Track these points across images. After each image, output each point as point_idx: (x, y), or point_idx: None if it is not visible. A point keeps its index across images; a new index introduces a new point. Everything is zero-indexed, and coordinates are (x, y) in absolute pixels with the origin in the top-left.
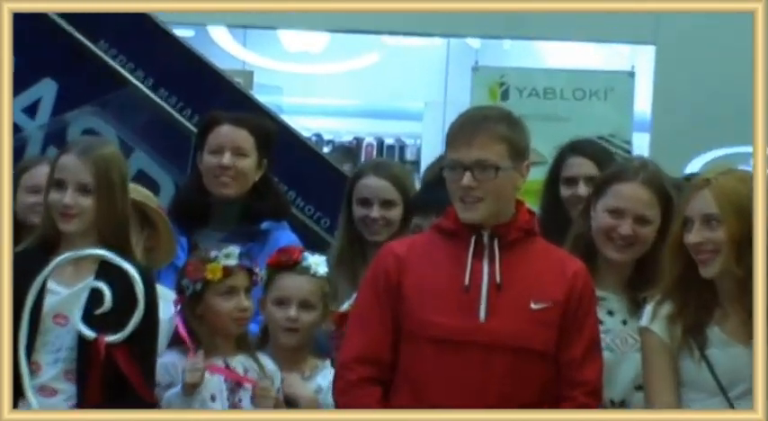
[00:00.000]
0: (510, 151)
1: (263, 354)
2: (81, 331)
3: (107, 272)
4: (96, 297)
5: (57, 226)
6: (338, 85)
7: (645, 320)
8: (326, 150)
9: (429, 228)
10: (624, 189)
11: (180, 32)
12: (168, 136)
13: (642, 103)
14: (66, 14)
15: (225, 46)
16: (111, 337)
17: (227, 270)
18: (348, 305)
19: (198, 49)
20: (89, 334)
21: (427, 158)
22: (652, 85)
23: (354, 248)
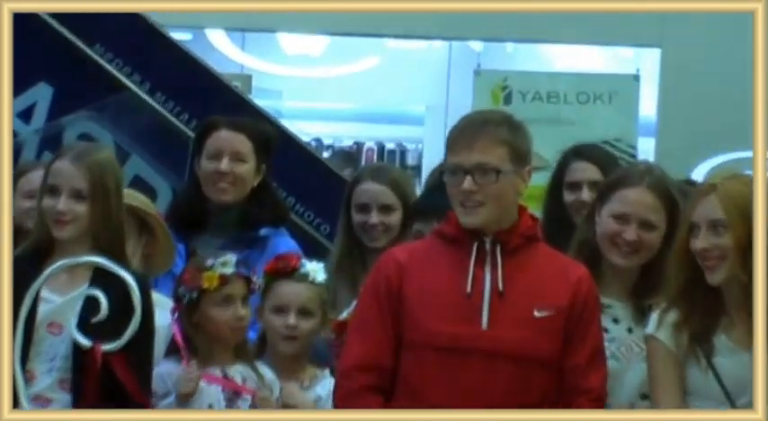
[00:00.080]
0: (511, 155)
1: (261, 364)
2: (77, 340)
3: (101, 279)
4: (91, 305)
5: (50, 232)
6: (338, 89)
7: (650, 328)
8: (326, 155)
9: (430, 234)
10: (629, 194)
11: (177, 36)
12: (165, 141)
13: (647, 106)
14: (62, 17)
15: (223, 49)
16: (107, 346)
17: (223, 278)
18: (348, 313)
19: (195, 52)
20: (85, 342)
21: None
22: (657, 89)
23: (354, 255)
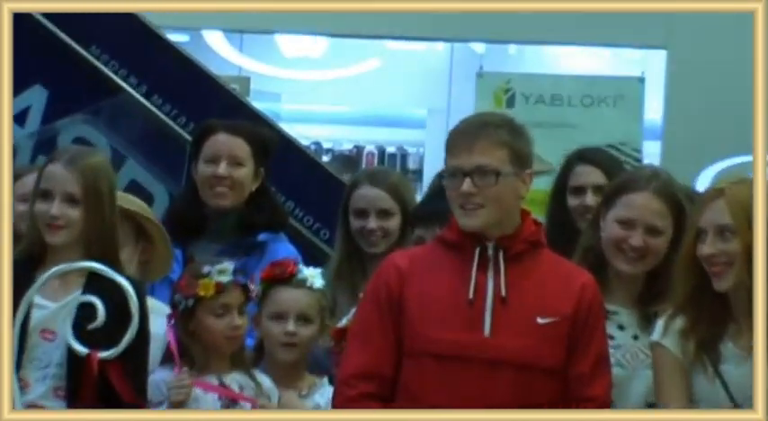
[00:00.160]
0: (511, 157)
1: (258, 372)
2: (73, 347)
3: (95, 285)
4: (85, 311)
5: (42, 237)
6: (338, 92)
7: (656, 335)
8: (326, 159)
9: (432, 240)
10: (635, 199)
11: (174, 37)
12: (162, 145)
13: (653, 109)
14: (57, 19)
15: (220, 51)
16: (103, 353)
17: (219, 286)
18: (347, 320)
19: (193, 54)
20: (81, 350)
21: (430, 167)
22: (663, 91)
23: (353, 261)
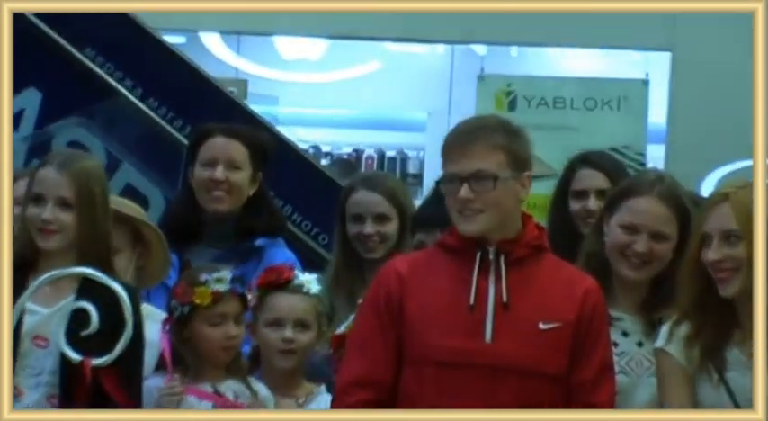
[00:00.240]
0: (509, 160)
1: (255, 379)
2: (66, 354)
3: (88, 290)
4: (78, 317)
5: (35, 242)
6: (337, 95)
7: (660, 341)
8: (324, 163)
9: (432, 245)
10: (639, 204)
11: (170, 39)
12: (158, 148)
13: (657, 112)
14: (51, 20)
15: (217, 53)
16: (97, 360)
17: (216, 295)
18: (346, 326)
19: (189, 56)
20: (75, 357)
21: (431, 171)
22: (667, 94)
23: (351, 267)
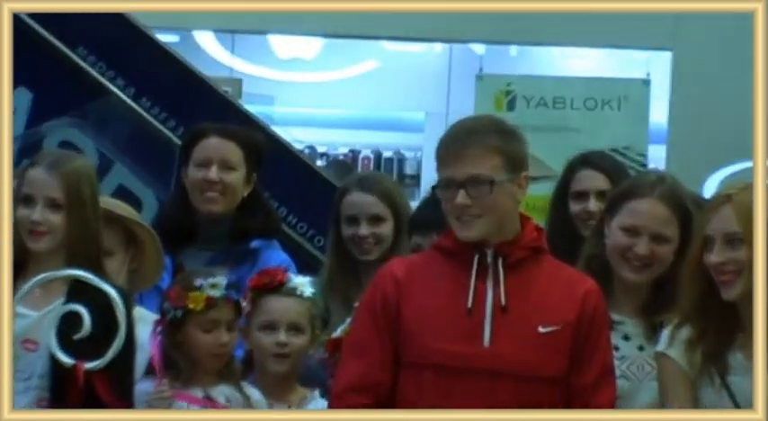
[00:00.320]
0: (504, 163)
1: (247, 384)
2: (58, 357)
3: (78, 293)
4: (69, 320)
5: (24, 244)
6: (333, 94)
7: (662, 345)
8: (320, 163)
9: (429, 248)
10: (640, 205)
11: (164, 38)
12: (151, 149)
13: (658, 112)
14: (43, 18)
15: (212, 52)
16: (90, 364)
17: (210, 301)
18: (341, 330)
19: (183, 55)
20: (67, 360)
21: (428, 172)
22: (669, 94)
23: (346, 269)
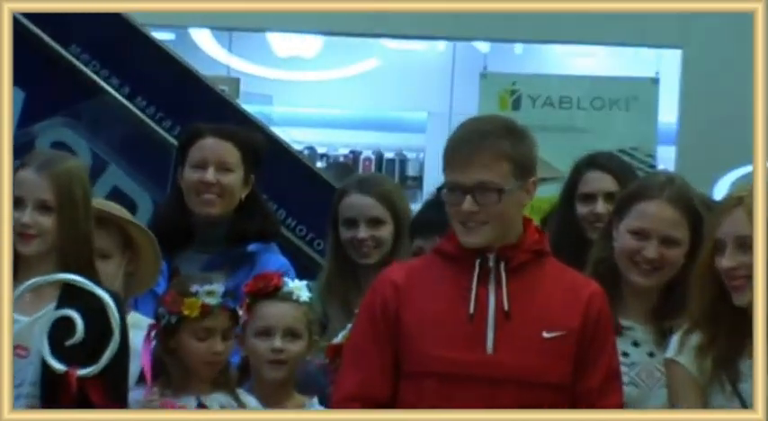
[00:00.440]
0: (514, 170)
1: (244, 391)
2: (51, 364)
3: (71, 298)
4: (61, 325)
5: (14, 247)
6: (333, 94)
7: (671, 351)
8: (320, 165)
9: (429, 252)
10: (648, 208)
11: (159, 36)
12: (146, 149)
13: (667, 112)
14: (35, 16)
15: (208, 50)
16: (83, 370)
17: (205, 309)
18: (342, 336)
19: (179, 53)
20: (59, 367)
21: (431, 174)
22: (678, 93)
23: (344, 273)
